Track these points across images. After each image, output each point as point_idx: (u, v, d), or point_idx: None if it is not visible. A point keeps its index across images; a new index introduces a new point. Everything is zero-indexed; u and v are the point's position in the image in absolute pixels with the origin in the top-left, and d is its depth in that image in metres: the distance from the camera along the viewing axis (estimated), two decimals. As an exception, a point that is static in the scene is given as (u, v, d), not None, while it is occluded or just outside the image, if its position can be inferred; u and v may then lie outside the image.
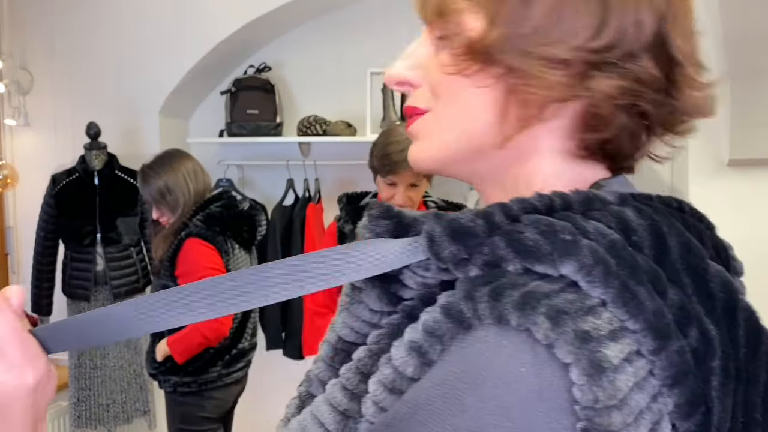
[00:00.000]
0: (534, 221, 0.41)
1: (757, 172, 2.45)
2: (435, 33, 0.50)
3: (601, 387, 0.36)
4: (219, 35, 2.74)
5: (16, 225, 3.11)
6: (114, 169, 2.68)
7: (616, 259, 0.39)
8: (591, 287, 0.39)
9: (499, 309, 0.39)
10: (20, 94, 3.03)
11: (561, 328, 0.37)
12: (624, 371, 0.37)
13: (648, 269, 0.40)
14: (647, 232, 0.42)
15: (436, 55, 0.49)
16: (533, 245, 0.40)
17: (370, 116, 2.67)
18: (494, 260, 0.41)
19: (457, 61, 0.47)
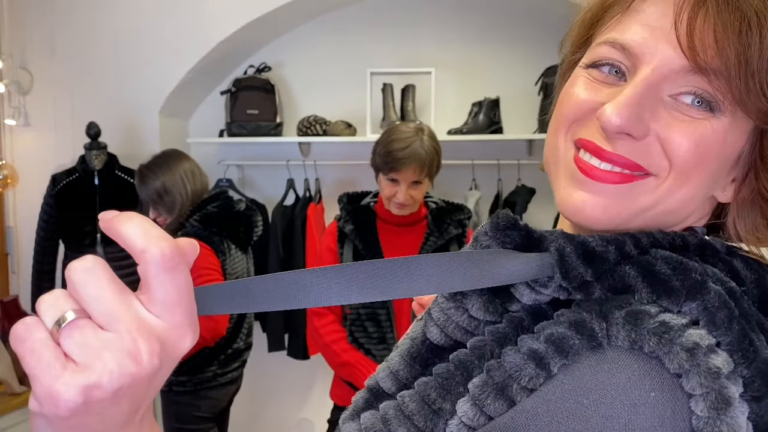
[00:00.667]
0: (665, 257, 0.44)
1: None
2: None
3: (726, 422, 0.39)
4: (219, 35, 2.74)
5: (16, 225, 3.10)
6: (114, 169, 2.68)
7: (737, 306, 0.42)
8: (711, 329, 0.41)
9: (634, 334, 0.41)
10: (20, 94, 3.03)
11: (695, 361, 0.39)
12: (742, 411, 0.39)
13: (758, 320, 0.43)
14: (754, 284, 0.45)
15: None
16: (665, 279, 0.43)
17: (370, 116, 2.67)
18: (622, 287, 0.44)
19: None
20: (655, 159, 0.48)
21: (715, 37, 0.44)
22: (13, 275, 3.12)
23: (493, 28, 2.82)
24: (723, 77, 0.44)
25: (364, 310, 1.84)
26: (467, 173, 2.75)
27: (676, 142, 0.47)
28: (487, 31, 2.83)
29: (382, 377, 0.53)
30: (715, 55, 0.44)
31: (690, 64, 0.45)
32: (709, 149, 0.47)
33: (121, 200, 2.65)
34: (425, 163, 1.76)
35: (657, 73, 0.47)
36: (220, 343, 2.08)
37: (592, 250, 0.45)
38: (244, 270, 2.19)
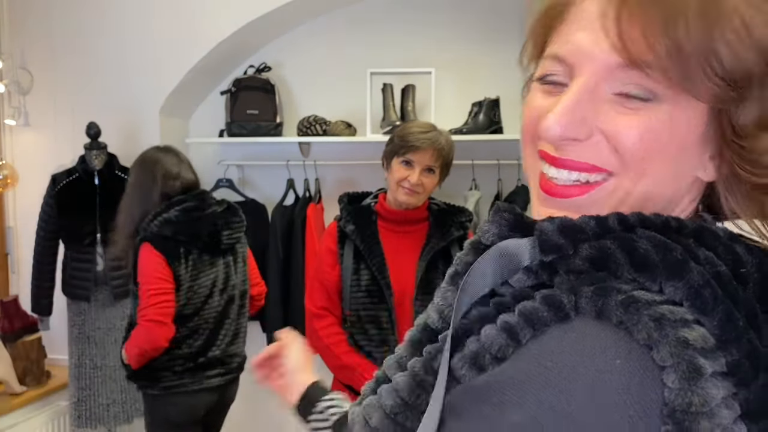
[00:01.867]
0: (649, 236, 0.44)
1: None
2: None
3: (696, 393, 0.38)
4: (219, 35, 2.74)
5: (16, 225, 3.10)
6: (114, 169, 2.68)
7: (722, 289, 0.42)
8: (695, 308, 0.41)
9: (600, 305, 0.42)
10: (20, 94, 3.03)
11: (663, 332, 0.39)
12: (716, 384, 0.39)
13: (748, 304, 0.42)
14: (755, 268, 0.45)
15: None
16: (644, 255, 0.43)
17: (370, 116, 2.67)
18: (600, 257, 0.44)
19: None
20: (604, 155, 0.49)
21: (643, 32, 0.45)
22: (13, 275, 3.12)
23: (493, 28, 2.82)
24: (658, 68, 0.45)
25: (365, 312, 1.82)
26: (467, 173, 2.75)
27: (621, 134, 0.48)
28: (487, 31, 2.83)
29: (388, 365, 0.55)
30: (646, 49, 0.45)
31: (624, 61, 0.47)
32: (658, 137, 0.47)
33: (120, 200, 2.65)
34: (442, 152, 1.78)
35: (594, 76, 0.49)
36: (182, 353, 2.02)
37: (571, 224, 0.46)
38: (217, 276, 2.08)
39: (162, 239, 1.98)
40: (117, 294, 2.62)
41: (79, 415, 2.63)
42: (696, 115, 0.47)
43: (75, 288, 2.63)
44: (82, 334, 2.64)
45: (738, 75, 0.44)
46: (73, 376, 2.64)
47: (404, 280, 1.82)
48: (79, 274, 2.63)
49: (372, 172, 2.85)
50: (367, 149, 2.81)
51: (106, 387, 2.64)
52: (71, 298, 2.65)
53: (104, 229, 2.61)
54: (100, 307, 2.63)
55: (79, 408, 2.63)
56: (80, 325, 2.64)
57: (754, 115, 0.46)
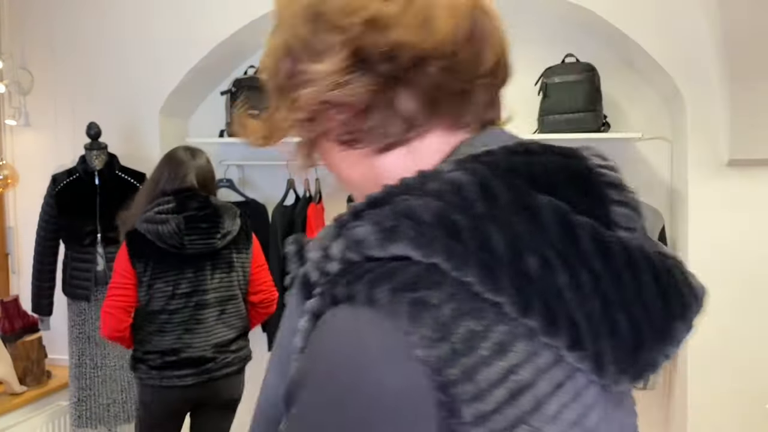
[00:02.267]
0: (369, 216, 0.48)
1: (756, 172, 2.45)
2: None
3: (424, 324, 0.42)
4: (219, 36, 2.75)
5: (17, 225, 3.11)
6: (114, 169, 2.68)
7: (441, 226, 0.45)
8: (421, 255, 0.45)
9: (348, 291, 0.46)
10: (20, 94, 3.03)
11: (385, 292, 0.44)
12: (442, 308, 0.43)
13: (468, 225, 0.45)
14: (477, 187, 0.47)
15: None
16: (364, 238, 0.47)
17: (371, 116, 2.68)
18: (341, 257, 0.48)
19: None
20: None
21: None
22: (13, 275, 3.12)
23: (493, 28, 2.83)
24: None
25: None
26: (467, 173, 2.75)
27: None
28: (487, 31, 2.83)
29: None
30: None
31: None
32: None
33: (121, 200, 2.64)
34: None
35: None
36: (151, 347, 2.10)
37: (321, 235, 0.52)
38: (179, 280, 2.10)
39: (136, 236, 2.08)
40: (117, 294, 2.62)
41: (79, 415, 2.63)
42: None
43: (75, 288, 2.64)
44: (82, 334, 2.64)
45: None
46: (74, 376, 2.64)
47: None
48: (80, 274, 2.63)
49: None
50: (367, 149, 2.81)
51: (106, 387, 2.64)
52: (71, 298, 2.65)
53: (105, 229, 2.61)
54: (100, 307, 2.63)
55: (80, 408, 2.63)
56: (80, 325, 2.64)
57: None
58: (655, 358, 0.48)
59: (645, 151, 2.74)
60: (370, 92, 0.51)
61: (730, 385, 2.48)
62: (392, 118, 0.53)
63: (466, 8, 0.53)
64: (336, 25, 0.51)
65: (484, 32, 0.54)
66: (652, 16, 2.46)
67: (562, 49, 2.67)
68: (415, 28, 0.51)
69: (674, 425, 2.67)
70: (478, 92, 0.55)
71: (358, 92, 0.51)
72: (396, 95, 0.52)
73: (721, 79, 2.40)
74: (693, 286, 0.52)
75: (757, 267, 2.46)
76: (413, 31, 0.51)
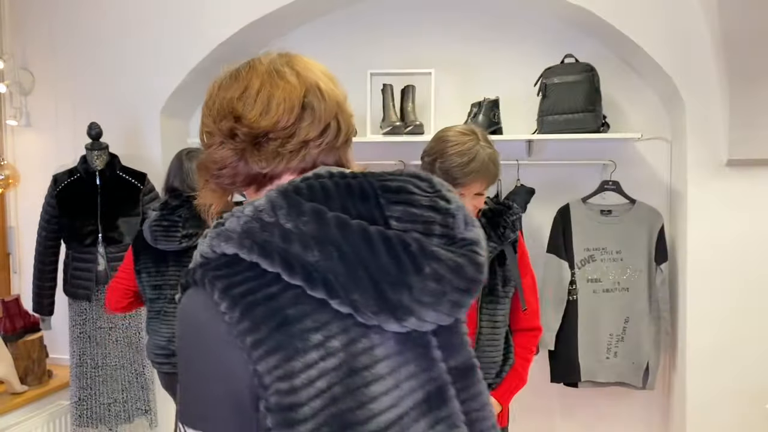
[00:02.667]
0: (214, 229, 0.75)
1: (755, 172, 2.46)
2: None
3: (228, 296, 0.69)
4: (219, 36, 2.76)
5: (18, 225, 3.11)
6: (115, 170, 2.69)
7: (245, 233, 0.72)
8: (234, 251, 0.72)
9: (192, 278, 0.73)
10: (21, 95, 3.04)
11: (214, 284, 0.70)
12: (237, 287, 0.69)
13: (260, 229, 0.72)
14: (268, 205, 0.73)
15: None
16: (208, 242, 0.75)
17: (370, 117, 2.68)
18: (201, 256, 0.76)
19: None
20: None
21: None
22: (14, 275, 3.13)
23: (493, 28, 2.83)
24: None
25: None
26: (467, 173, 2.75)
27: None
28: (487, 31, 2.84)
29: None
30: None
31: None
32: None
33: (122, 200, 2.66)
34: (492, 176, 1.65)
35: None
36: (155, 334, 2.23)
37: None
38: (163, 278, 2.19)
39: (140, 232, 2.22)
40: (118, 294, 2.63)
41: (80, 415, 2.64)
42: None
43: (76, 288, 2.64)
44: (83, 334, 2.65)
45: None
46: (75, 375, 2.65)
47: None
48: (81, 273, 2.64)
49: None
50: (368, 149, 2.81)
51: (107, 386, 2.65)
52: (72, 297, 2.66)
53: (105, 228, 2.62)
54: (101, 306, 2.64)
55: (80, 407, 2.64)
56: (81, 325, 2.65)
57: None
58: (399, 300, 0.70)
59: (644, 151, 2.75)
60: (233, 153, 0.82)
61: (729, 385, 2.49)
62: (249, 169, 0.82)
63: (298, 95, 0.81)
64: (215, 120, 0.85)
65: (314, 111, 0.81)
66: (651, 17, 2.47)
67: (561, 50, 2.67)
68: (256, 115, 0.79)
69: (674, 425, 2.68)
70: (312, 150, 0.81)
71: (224, 155, 0.82)
72: (248, 156, 0.81)
73: (720, 79, 2.40)
74: (436, 254, 0.73)
75: (756, 267, 2.47)
76: (255, 116, 0.79)
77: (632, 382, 2.60)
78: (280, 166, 0.80)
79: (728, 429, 2.49)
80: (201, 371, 0.71)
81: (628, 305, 2.60)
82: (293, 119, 0.80)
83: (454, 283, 0.73)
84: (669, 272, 2.63)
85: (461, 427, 0.77)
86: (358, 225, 0.71)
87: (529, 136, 2.66)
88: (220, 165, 0.83)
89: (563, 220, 2.66)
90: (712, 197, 2.49)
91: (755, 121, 2.36)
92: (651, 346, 2.58)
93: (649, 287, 2.60)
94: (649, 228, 2.60)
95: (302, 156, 0.80)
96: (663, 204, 2.72)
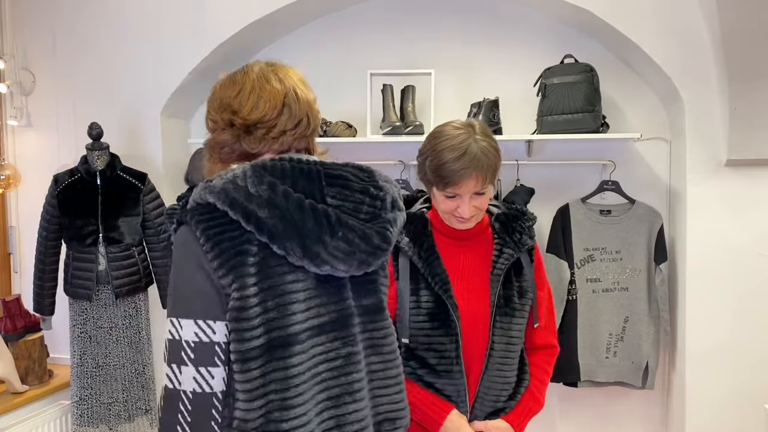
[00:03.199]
0: (203, 184, 1.05)
1: (754, 172, 2.46)
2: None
3: (206, 237, 1.00)
4: (220, 37, 2.76)
5: (19, 225, 3.12)
6: (116, 170, 2.69)
7: (222, 191, 1.01)
8: (214, 202, 1.01)
9: (186, 220, 1.04)
10: (22, 95, 3.05)
11: (194, 220, 1.02)
12: (212, 229, 1.00)
13: (234, 189, 1.01)
14: (242, 173, 1.03)
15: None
16: (198, 193, 1.04)
17: (371, 117, 2.69)
18: (193, 201, 1.05)
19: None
20: None
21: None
22: (15, 275, 3.14)
23: (492, 29, 2.84)
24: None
25: (425, 339, 1.51)
26: (467, 173, 2.76)
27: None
28: (487, 32, 2.84)
29: None
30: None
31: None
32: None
33: (122, 200, 2.67)
34: (487, 170, 1.44)
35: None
36: None
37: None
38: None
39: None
40: (118, 293, 2.63)
41: (80, 414, 2.64)
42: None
43: (77, 287, 2.65)
44: (84, 334, 2.65)
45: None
46: (75, 375, 2.66)
47: (474, 299, 1.52)
48: (81, 273, 2.64)
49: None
50: (368, 150, 2.82)
51: (107, 386, 2.65)
52: (73, 297, 2.66)
53: (106, 228, 2.62)
54: (101, 306, 2.65)
55: (81, 407, 2.64)
56: (82, 325, 2.65)
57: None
58: (318, 252, 1.01)
59: (644, 151, 2.75)
60: (231, 137, 1.11)
61: (729, 385, 2.49)
62: (242, 149, 1.12)
63: (279, 97, 1.08)
64: (217, 112, 1.14)
65: (291, 109, 1.09)
66: (650, 17, 2.47)
67: (561, 50, 2.68)
68: (248, 110, 1.08)
69: (673, 425, 2.68)
70: (288, 137, 1.10)
71: (225, 138, 1.12)
72: (242, 140, 1.10)
73: (719, 79, 2.40)
74: (350, 225, 1.04)
75: (755, 266, 2.47)
76: (247, 111, 1.08)
77: (632, 381, 2.61)
78: (265, 147, 1.09)
79: (728, 429, 2.50)
80: (186, 277, 1.01)
81: (627, 305, 2.61)
82: (275, 114, 1.08)
83: (361, 247, 1.04)
84: (668, 272, 2.64)
85: (355, 346, 1.09)
86: (298, 197, 1.02)
87: (528, 136, 2.66)
88: (222, 145, 1.12)
89: (563, 220, 2.66)
90: (712, 197, 2.49)
91: (755, 121, 2.36)
92: (650, 346, 2.59)
93: (649, 287, 2.60)
94: (649, 228, 2.61)
95: (281, 142, 1.09)
96: (662, 204, 2.72)
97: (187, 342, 0.98)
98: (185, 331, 0.99)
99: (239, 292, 0.98)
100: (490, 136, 1.48)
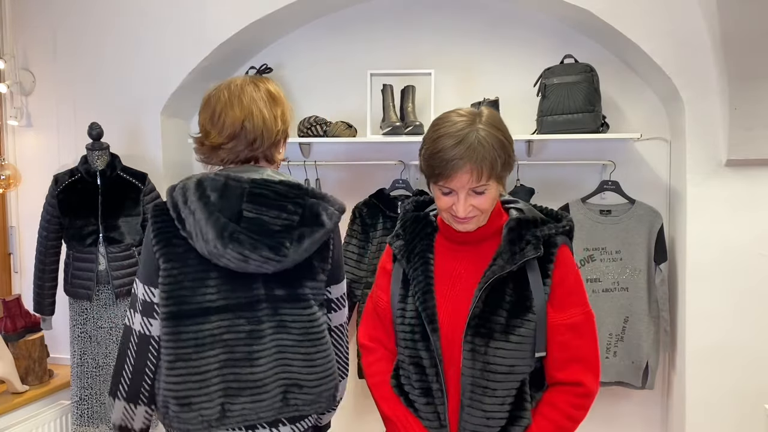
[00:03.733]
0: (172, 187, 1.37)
1: (754, 173, 2.46)
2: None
3: (153, 228, 1.36)
4: (220, 37, 2.76)
5: (19, 225, 3.12)
6: (116, 170, 2.69)
7: (174, 195, 1.34)
8: (168, 204, 1.35)
9: (149, 217, 1.42)
10: (22, 95, 3.05)
11: (150, 214, 1.40)
12: (159, 225, 1.35)
13: (181, 197, 1.32)
14: (187, 186, 1.33)
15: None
16: (167, 194, 1.38)
17: (370, 117, 2.69)
18: (158, 202, 1.54)
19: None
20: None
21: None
22: (15, 275, 3.14)
23: (492, 29, 2.84)
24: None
25: (408, 350, 1.40)
26: (467, 173, 2.76)
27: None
28: (486, 32, 2.85)
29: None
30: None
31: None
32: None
33: (123, 200, 2.67)
34: (484, 163, 1.25)
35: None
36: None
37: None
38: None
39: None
40: (119, 293, 2.63)
41: (81, 414, 2.65)
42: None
43: (77, 287, 2.65)
44: (84, 334, 2.65)
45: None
46: (75, 375, 2.66)
47: (457, 313, 1.35)
48: (81, 273, 2.64)
49: (373, 172, 2.87)
50: (368, 150, 2.82)
51: (107, 386, 2.65)
52: (73, 297, 2.67)
53: (106, 228, 2.62)
54: (102, 306, 2.65)
55: (81, 407, 2.65)
56: (82, 325, 2.65)
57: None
58: (224, 254, 1.27)
59: (644, 151, 2.75)
60: (207, 150, 1.40)
61: (729, 385, 2.49)
62: (215, 159, 1.41)
63: (239, 121, 1.35)
64: (200, 129, 1.42)
65: (247, 129, 1.36)
66: (650, 17, 2.47)
67: (560, 50, 2.68)
68: (216, 135, 1.37)
69: (673, 425, 2.68)
70: (246, 152, 1.37)
71: (204, 150, 1.41)
72: (212, 153, 1.39)
73: (719, 79, 2.41)
74: (253, 237, 1.28)
75: (755, 266, 2.47)
76: (213, 137, 1.37)
77: (632, 381, 2.61)
78: (229, 158, 1.38)
79: (728, 429, 2.50)
80: (144, 253, 1.35)
81: (627, 305, 2.61)
82: (235, 136, 1.36)
83: (252, 257, 1.28)
84: (668, 272, 2.64)
85: (258, 325, 1.33)
86: (213, 212, 1.29)
87: (528, 136, 2.66)
88: (202, 153, 1.41)
89: (563, 220, 2.66)
90: (712, 197, 2.49)
91: (755, 121, 2.36)
92: (650, 346, 2.59)
93: (649, 287, 2.60)
94: (649, 228, 2.61)
95: (243, 156, 1.39)
96: (662, 204, 2.72)
97: (139, 298, 1.35)
98: (139, 290, 1.35)
99: (166, 271, 1.31)
100: (497, 127, 1.29)
